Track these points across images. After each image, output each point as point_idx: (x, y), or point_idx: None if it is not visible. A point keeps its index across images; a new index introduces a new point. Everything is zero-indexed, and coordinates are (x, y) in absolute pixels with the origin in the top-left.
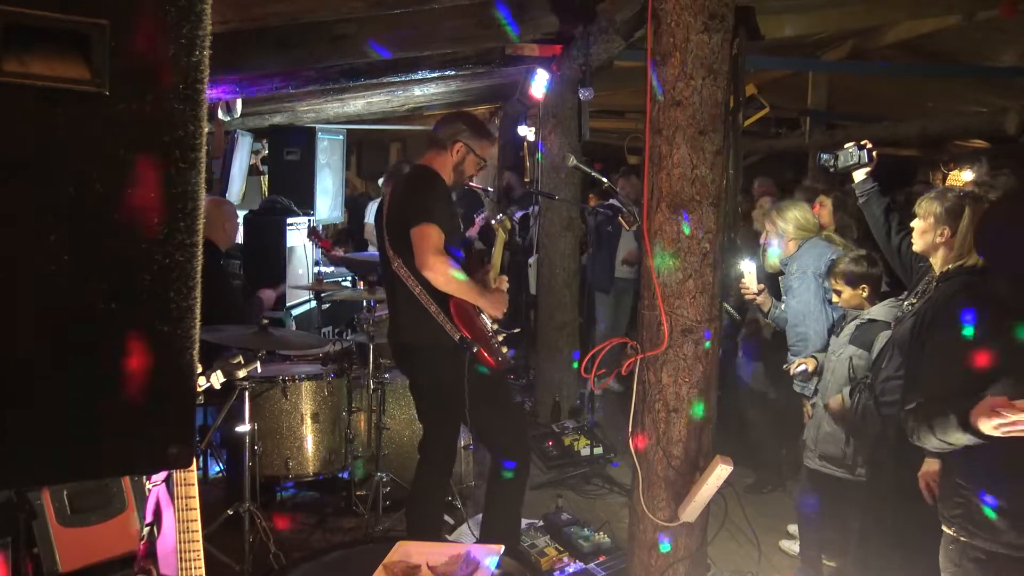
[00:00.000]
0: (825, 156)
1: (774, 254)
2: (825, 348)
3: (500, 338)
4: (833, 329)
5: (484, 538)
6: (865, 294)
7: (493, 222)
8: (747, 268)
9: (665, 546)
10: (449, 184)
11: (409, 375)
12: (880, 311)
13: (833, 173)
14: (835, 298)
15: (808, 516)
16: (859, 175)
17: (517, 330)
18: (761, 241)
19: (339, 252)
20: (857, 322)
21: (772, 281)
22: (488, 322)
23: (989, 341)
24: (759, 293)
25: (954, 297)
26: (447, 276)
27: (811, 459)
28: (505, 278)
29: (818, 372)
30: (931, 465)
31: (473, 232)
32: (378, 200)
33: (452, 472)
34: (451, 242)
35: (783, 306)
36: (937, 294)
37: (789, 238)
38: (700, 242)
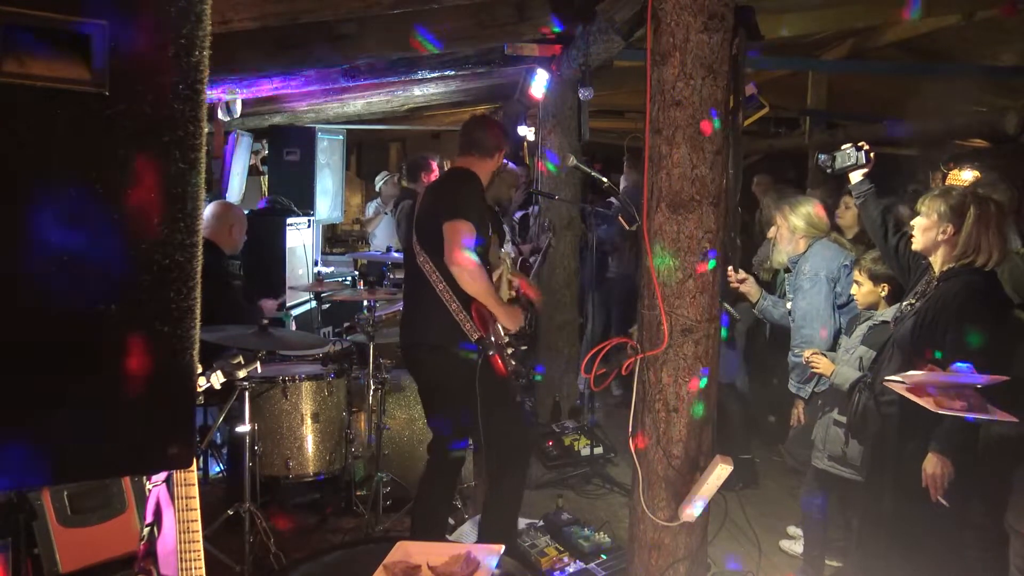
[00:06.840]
0: (822, 157)
1: (783, 251)
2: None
3: (511, 350)
4: (840, 334)
5: (480, 541)
6: (884, 293)
7: (502, 252)
8: None
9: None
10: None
11: (419, 375)
12: (893, 313)
13: (830, 174)
14: (854, 288)
15: (813, 516)
16: (856, 176)
17: (524, 347)
18: (769, 236)
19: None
20: (871, 323)
21: (775, 278)
22: (502, 331)
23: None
24: (743, 281)
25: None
26: (473, 274)
27: (819, 459)
28: (518, 292)
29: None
30: (937, 467)
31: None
32: (376, 200)
33: (460, 473)
34: (477, 243)
35: (786, 303)
36: (938, 293)
37: (800, 235)
38: (700, 242)
